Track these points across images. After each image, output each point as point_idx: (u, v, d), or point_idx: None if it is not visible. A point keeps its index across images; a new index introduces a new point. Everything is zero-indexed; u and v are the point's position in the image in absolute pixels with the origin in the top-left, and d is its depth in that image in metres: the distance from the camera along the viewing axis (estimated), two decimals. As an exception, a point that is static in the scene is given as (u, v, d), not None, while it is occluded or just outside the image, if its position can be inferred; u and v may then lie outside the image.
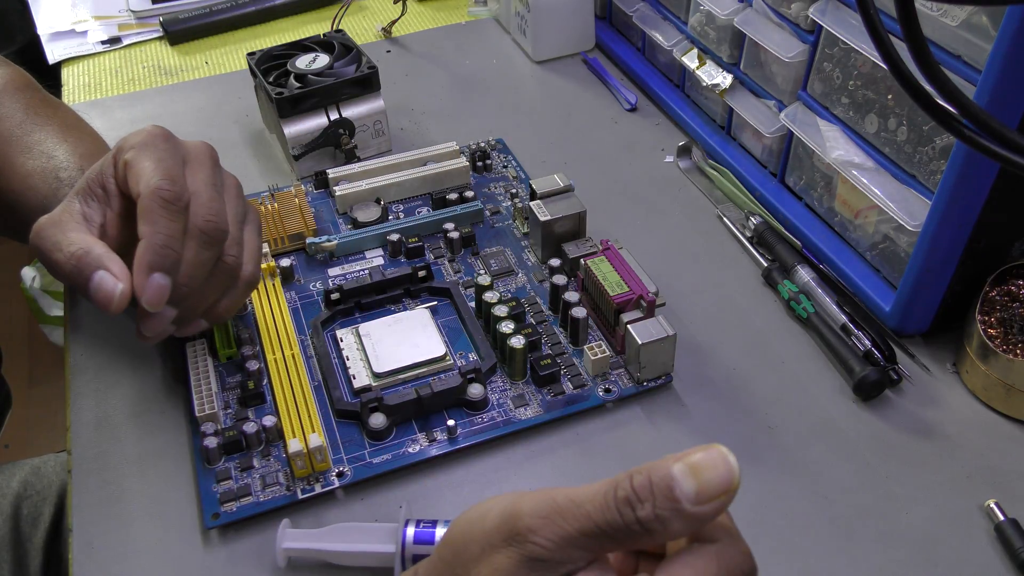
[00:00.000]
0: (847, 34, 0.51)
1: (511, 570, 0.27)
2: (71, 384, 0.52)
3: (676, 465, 0.27)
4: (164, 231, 0.43)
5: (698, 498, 0.26)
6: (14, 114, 0.57)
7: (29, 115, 0.57)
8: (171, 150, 0.45)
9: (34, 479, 0.66)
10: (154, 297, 0.43)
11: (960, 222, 0.47)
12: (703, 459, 0.27)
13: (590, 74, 0.79)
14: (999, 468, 0.46)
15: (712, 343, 0.54)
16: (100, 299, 0.43)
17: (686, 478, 0.27)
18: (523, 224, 0.60)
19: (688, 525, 0.26)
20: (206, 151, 0.48)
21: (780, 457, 0.47)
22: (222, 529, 0.44)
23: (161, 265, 0.43)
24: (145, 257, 0.42)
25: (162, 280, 0.43)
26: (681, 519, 0.26)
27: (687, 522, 0.26)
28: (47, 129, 0.57)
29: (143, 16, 0.89)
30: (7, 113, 0.57)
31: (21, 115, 0.57)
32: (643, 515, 0.26)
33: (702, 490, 0.26)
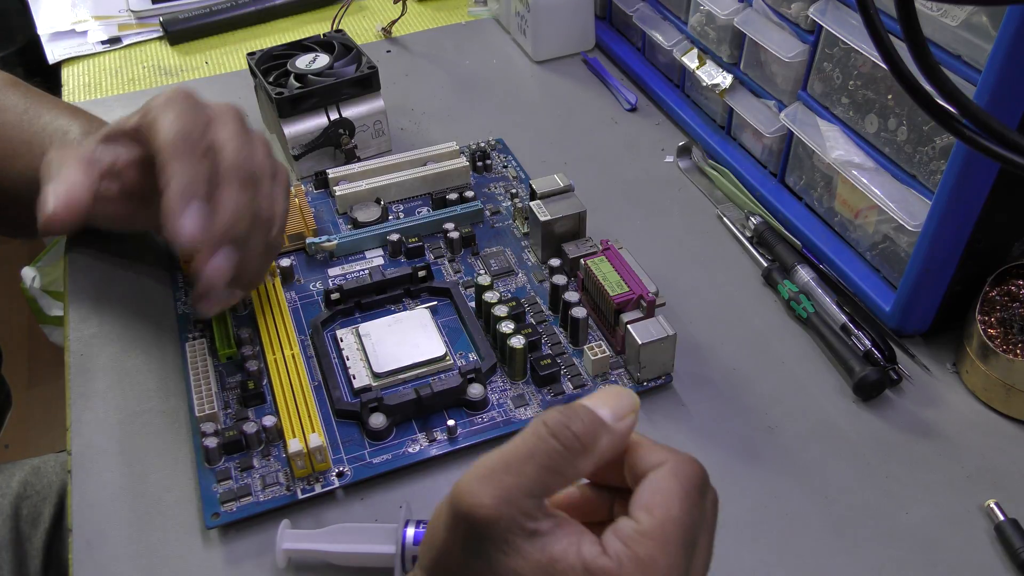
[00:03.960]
0: (847, 34, 0.51)
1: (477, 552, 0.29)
2: (71, 384, 0.52)
3: (584, 400, 0.31)
4: (190, 167, 0.43)
5: (615, 416, 0.31)
6: (17, 103, 0.58)
7: (31, 103, 0.58)
8: (193, 106, 0.46)
9: (34, 479, 0.66)
10: (192, 224, 0.42)
11: (960, 222, 0.47)
12: (604, 394, 0.31)
13: (590, 74, 0.79)
14: (999, 468, 0.46)
15: (712, 343, 0.54)
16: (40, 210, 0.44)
17: (598, 404, 0.31)
18: (523, 224, 0.60)
19: (614, 440, 0.30)
20: (231, 109, 0.48)
21: (780, 457, 0.47)
22: (222, 529, 0.44)
23: (192, 194, 0.43)
24: (175, 189, 0.42)
25: (198, 209, 0.43)
26: (608, 433, 0.30)
27: (613, 436, 0.30)
28: (53, 112, 0.58)
29: (143, 16, 0.89)
30: (11, 103, 0.58)
31: (24, 103, 0.58)
32: (578, 429, 0.30)
33: (615, 411, 0.31)
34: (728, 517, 0.45)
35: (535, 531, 0.29)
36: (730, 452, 0.48)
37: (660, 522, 0.29)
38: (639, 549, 0.28)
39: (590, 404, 0.31)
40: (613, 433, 0.30)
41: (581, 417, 0.30)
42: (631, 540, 0.29)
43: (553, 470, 0.29)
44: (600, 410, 0.31)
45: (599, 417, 0.30)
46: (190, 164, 0.43)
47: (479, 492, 0.29)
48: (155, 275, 0.58)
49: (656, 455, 0.31)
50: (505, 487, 0.28)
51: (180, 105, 0.45)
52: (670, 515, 0.29)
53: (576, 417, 0.30)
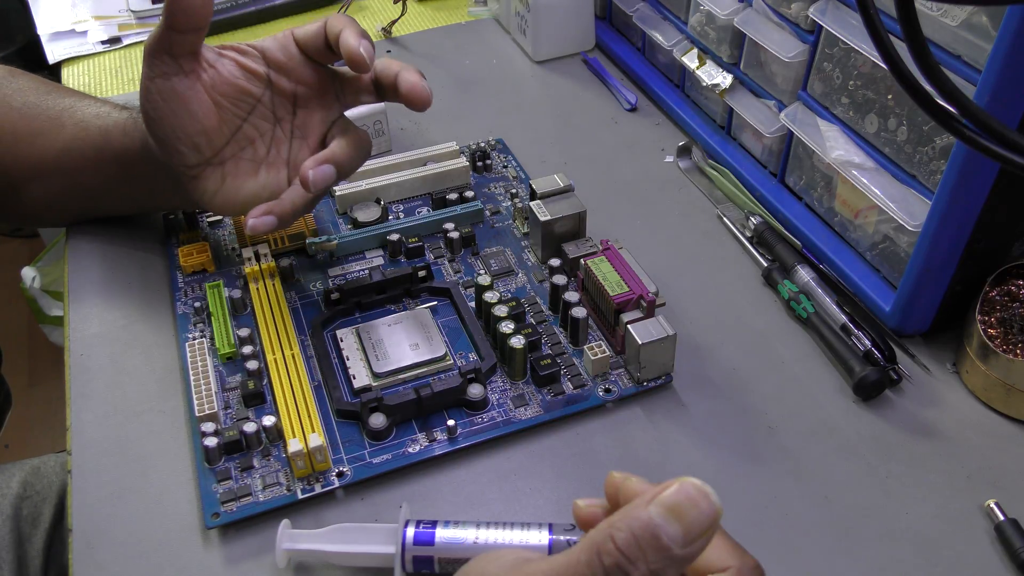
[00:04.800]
0: (847, 34, 0.51)
1: None
2: (71, 384, 0.52)
3: (654, 510, 0.26)
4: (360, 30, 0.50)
5: (686, 540, 0.26)
6: (36, 86, 0.59)
7: (51, 87, 0.60)
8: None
9: (34, 479, 0.66)
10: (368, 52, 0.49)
11: (960, 222, 0.47)
12: (681, 499, 0.26)
13: (590, 74, 0.79)
14: (999, 468, 0.46)
15: (712, 343, 0.54)
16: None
17: (670, 523, 0.26)
18: (523, 224, 0.60)
19: (682, 567, 0.26)
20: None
21: (780, 457, 0.47)
22: (222, 529, 0.44)
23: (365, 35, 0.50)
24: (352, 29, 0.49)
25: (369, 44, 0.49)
26: (675, 565, 0.26)
27: (681, 565, 0.26)
28: (75, 95, 0.59)
29: (143, 16, 0.89)
30: (29, 86, 0.59)
31: (44, 86, 0.60)
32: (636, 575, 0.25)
33: (688, 531, 0.26)
34: (728, 517, 0.45)
35: None
36: (730, 452, 0.48)
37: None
38: None
39: (661, 524, 0.26)
40: (682, 563, 0.26)
41: (646, 558, 0.25)
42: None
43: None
44: (670, 528, 0.26)
45: (668, 552, 0.25)
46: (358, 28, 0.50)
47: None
48: (155, 275, 0.58)
49: (721, 557, 0.28)
50: None
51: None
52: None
53: (639, 556, 0.25)
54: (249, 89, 0.51)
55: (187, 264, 0.57)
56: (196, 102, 0.49)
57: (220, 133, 0.50)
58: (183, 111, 0.49)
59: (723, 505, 0.45)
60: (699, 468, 0.47)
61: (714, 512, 0.26)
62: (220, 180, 0.51)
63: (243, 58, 0.51)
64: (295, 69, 0.52)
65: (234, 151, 0.51)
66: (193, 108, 0.49)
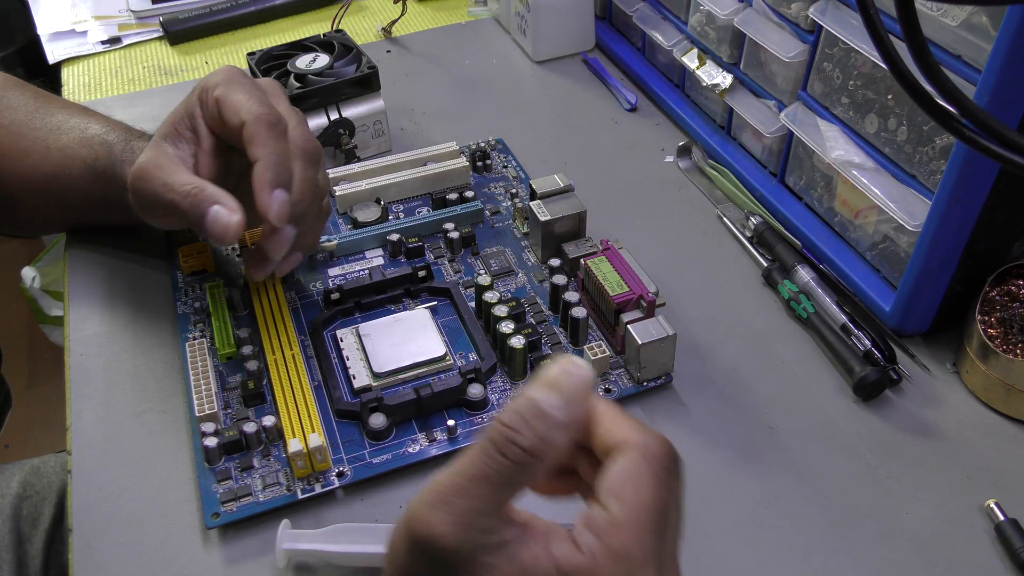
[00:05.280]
0: (847, 34, 0.51)
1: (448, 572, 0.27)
2: (71, 384, 0.52)
3: (533, 388, 0.28)
4: (276, 150, 0.46)
5: (564, 404, 0.28)
6: (26, 102, 0.59)
7: (40, 102, 0.59)
8: (254, 84, 0.49)
9: (34, 479, 0.66)
10: (280, 210, 0.46)
11: (960, 222, 0.47)
12: (555, 373, 0.29)
13: (590, 74, 0.79)
14: (999, 468, 0.46)
15: (712, 343, 0.54)
16: (217, 230, 0.46)
17: (548, 394, 0.28)
18: (523, 224, 0.60)
19: (569, 431, 0.28)
20: (277, 85, 0.51)
21: (780, 457, 0.47)
22: (222, 529, 0.44)
23: (280, 182, 0.45)
24: (265, 175, 0.45)
25: (283, 195, 0.46)
26: (561, 429, 0.28)
27: (567, 429, 0.28)
28: (66, 110, 0.58)
29: (143, 16, 0.89)
30: (19, 102, 0.58)
31: (33, 103, 0.59)
32: (526, 444, 0.28)
33: (564, 396, 0.28)
34: (728, 517, 0.45)
35: (500, 543, 0.28)
36: (730, 452, 0.48)
37: (632, 510, 0.28)
38: (613, 541, 0.28)
39: (540, 396, 0.28)
40: (568, 427, 0.28)
41: (530, 425, 0.28)
42: (604, 532, 0.28)
43: (507, 485, 0.28)
44: (549, 398, 0.28)
45: (550, 418, 0.28)
46: (275, 144, 0.46)
47: (435, 521, 0.27)
48: (155, 275, 0.58)
49: (623, 430, 0.30)
50: (461, 512, 0.27)
51: (245, 85, 0.48)
52: (642, 502, 0.28)
53: (524, 425, 0.28)
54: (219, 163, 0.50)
55: (187, 264, 0.57)
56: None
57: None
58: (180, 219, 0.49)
59: (723, 504, 0.45)
60: (699, 468, 0.47)
61: (585, 375, 0.29)
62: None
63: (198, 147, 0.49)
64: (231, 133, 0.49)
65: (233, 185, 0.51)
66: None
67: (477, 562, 0.28)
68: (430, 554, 0.28)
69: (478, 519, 0.28)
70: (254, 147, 0.46)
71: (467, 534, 0.27)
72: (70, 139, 0.55)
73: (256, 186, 0.45)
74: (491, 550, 0.28)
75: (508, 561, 0.28)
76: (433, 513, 0.28)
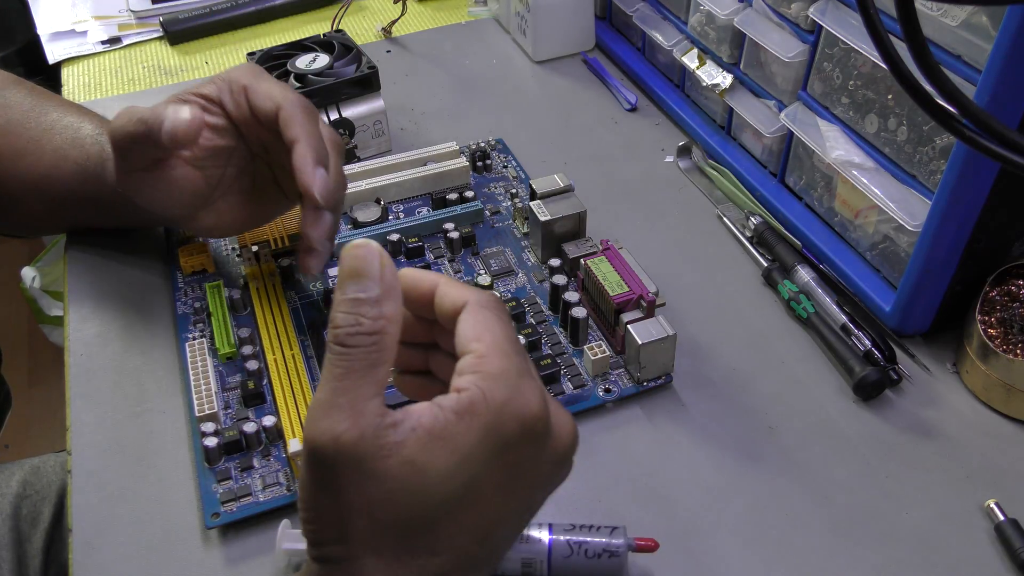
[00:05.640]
0: (847, 34, 0.51)
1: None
2: (71, 384, 0.52)
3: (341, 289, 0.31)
4: (314, 132, 0.46)
5: (374, 280, 0.31)
6: (22, 100, 0.58)
7: (37, 100, 0.58)
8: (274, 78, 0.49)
9: (33, 479, 0.66)
10: (323, 187, 0.46)
11: (960, 222, 0.47)
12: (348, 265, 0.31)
13: (590, 74, 0.79)
14: (999, 468, 0.46)
15: (712, 343, 0.54)
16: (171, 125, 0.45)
17: (357, 283, 0.31)
18: (523, 224, 0.60)
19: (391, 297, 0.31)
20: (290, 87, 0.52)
21: (780, 457, 0.47)
22: (222, 529, 0.44)
23: (320, 161, 0.46)
24: (308, 154, 0.45)
25: (324, 173, 0.46)
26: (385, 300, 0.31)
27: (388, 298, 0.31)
28: (61, 109, 0.58)
29: (143, 16, 0.89)
30: (15, 101, 0.58)
31: (30, 100, 0.58)
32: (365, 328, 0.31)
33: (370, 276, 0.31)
34: (728, 517, 0.45)
35: (396, 422, 0.30)
36: (730, 452, 0.48)
37: (493, 341, 0.32)
38: (489, 368, 0.31)
39: (351, 290, 0.31)
40: (387, 295, 0.31)
41: (359, 313, 0.31)
42: (478, 365, 0.31)
43: (372, 367, 0.31)
44: (359, 286, 0.31)
45: (369, 299, 0.31)
46: (314, 126, 0.46)
47: (330, 425, 0.30)
48: (155, 275, 0.58)
49: (456, 293, 0.34)
50: (348, 407, 0.30)
51: (269, 77, 0.48)
52: (497, 335, 0.32)
53: (354, 318, 0.31)
54: (223, 145, 0.49)
55: (187, 264, 0.57)
56: (178, 178, 0.49)
57: (206, 187, 0.50)
58: (167, 190, 0.49)
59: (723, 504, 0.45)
60: (699, 468, 0.47)
61: (371, 247, 0.32)
62: (215, 216, 0.51)
63: (209, 117, 0.49)
64: (253, 124, 0.49)
65: (222, 192, 0.51)
66: (176, 184, 0.49)
67: (385, 444, 0.30)
68: (339, 458, 0.30)
69: (367, 404, 0.30)
70: (293, 127, 0.46)
71: (363, 421, 0.30)
72: (63, 139, 0.55)
73: (298, 164, 0.45)
74: (392, 429, 0.30)
75: (411, 431, 0.30)
76: (325, 421, 0.30)
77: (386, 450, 0.30)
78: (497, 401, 0.31)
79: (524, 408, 0.31)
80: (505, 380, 0.31)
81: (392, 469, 0.30)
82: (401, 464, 0.30)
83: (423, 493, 0.30)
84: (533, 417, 0.31)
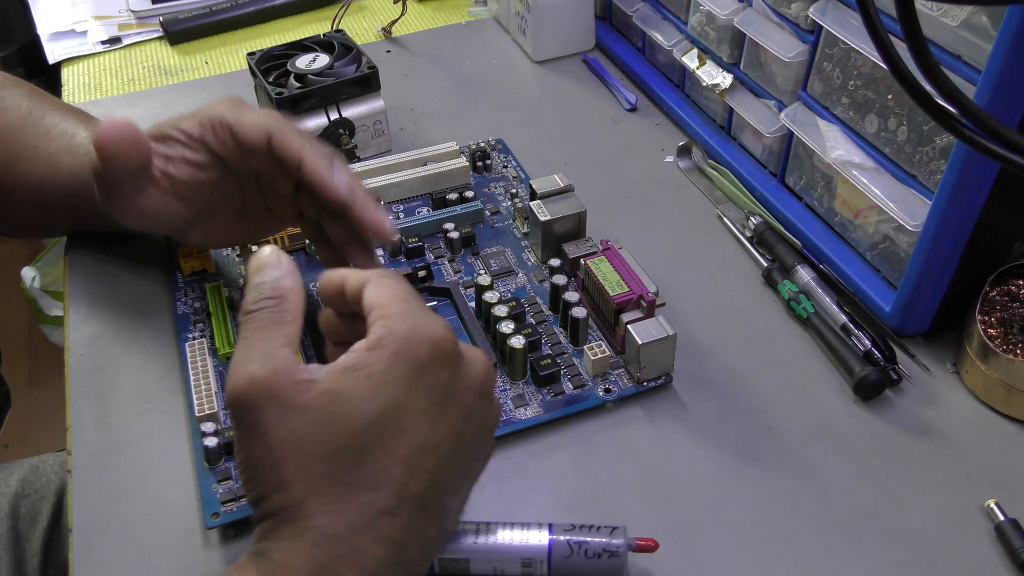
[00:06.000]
0: (847, 34, 0.51)
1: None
2: (71, 384, 0.52)
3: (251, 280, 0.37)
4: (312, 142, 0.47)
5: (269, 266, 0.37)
6: (21, 103, 0.58)
7: (35, 103, 0.58)
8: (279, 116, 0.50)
9: (32, 478, 0.66)
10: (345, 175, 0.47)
11: (960, 222, 0.47)
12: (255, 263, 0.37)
13: (590, 74, 0.79)
14: (999, 468, 0.46)
15: (712, 343, 0.54)
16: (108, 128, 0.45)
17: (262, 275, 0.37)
18: (523, 224, 0.60)
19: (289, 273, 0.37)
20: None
21: (780, 457, 0.47)
22: (222, 529, 0.44)
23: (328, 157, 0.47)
24: (369, 200, 0.47)
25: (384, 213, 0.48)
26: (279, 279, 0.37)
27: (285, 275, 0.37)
28: (58, 113, 0.58)
29: (143, 16, 0.89)
30: (13, 104, 0.58)
31: (27, 103, 0.58)
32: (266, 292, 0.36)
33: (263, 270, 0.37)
34: (728, 517, 0.45)
35: (308, 368, 0.33)
36: (730, 452, 0.48)
37: (393, 295, 0.36)
38: (391, 310, 0.35)
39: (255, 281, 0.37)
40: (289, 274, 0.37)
41: (263, 286, 0.36)
42: (381, 311, 0.35)
43: (276, 323, 0.35)
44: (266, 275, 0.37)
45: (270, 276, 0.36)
46: (308, 139, 0.47)
47: (244, 371, 0.33)
48: (155, 275, 0.58)
49: (360, 274, 0.37)
50: (260, 354, 0.33)
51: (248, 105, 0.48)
52: (397, 290, 0.36)
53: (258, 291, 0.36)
54: (206, 178, 0.48)
55: (187, 264, 0.57)
56: (158, 205, 0.48)
57: (191, 214, 0.49)
58: (148, 215, 0.48)
59: (723, 504, 0.45)
60: (699, 468, 0.47)
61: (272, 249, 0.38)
62: (204, 234, 0.51)
63: (188, 152, 0.48)
64: (239, 156, 0.48)
65: (209, 213, 0.50)
66: (157, 210, 0.48)
67: (301, 381, 0.33)
68: (258, 396, 0.33)
69: (276, 350, 0.34)
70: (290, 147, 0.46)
71: (274, 362, 0.33)
72: (57, 146, 0.55)
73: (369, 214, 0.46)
74: (305, 370, 0.33)
75: (327, 371, 0.33)
76: (238, 369, 0.33)
77: (303, 385, 0.33)
78: (403, 330, 0.34)
79: (430, 331, 0.34)
80: (407, 315, 0.35)
81: (312, 400, 0.33)
82: (320, 395, 0.33)
83: (346, 418, 0.33)
84: (440, 339, 0.34)
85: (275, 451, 0.32)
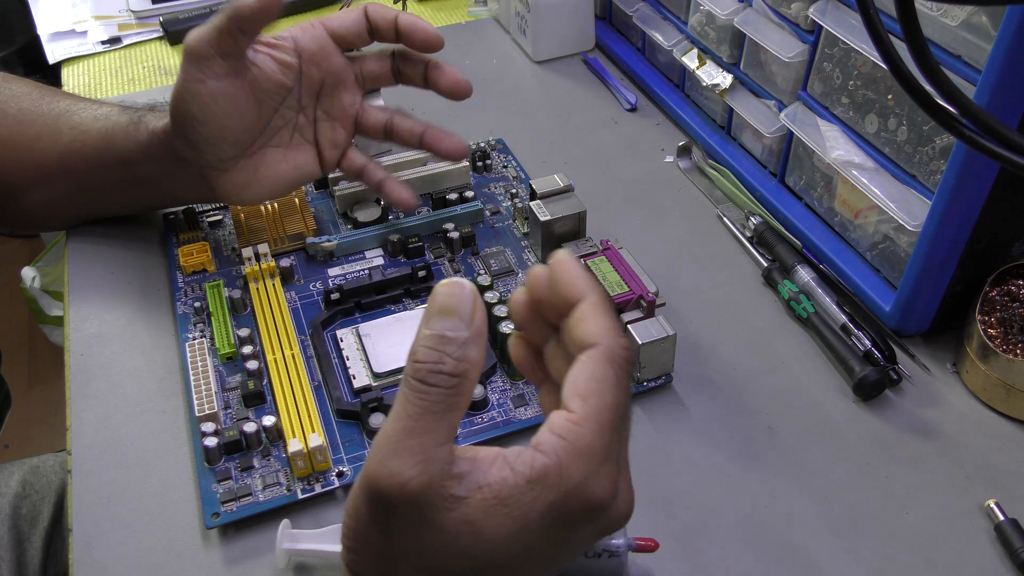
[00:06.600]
0: (847, 34, 0.51)
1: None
2: (71, 384, 0.52)
3: (429, 321, 0.30)
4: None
5: (465, 323, 0.30)
6: (30, 90, 0.59)
7: (44, 91, 0.60)
8: None
9: (33, 478, 0.66)
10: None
11: (960, 222, 0.47)
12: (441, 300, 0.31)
13: (590, 74, 0.79)
14: (999, 468, 0.46)
15: (712, 343, 0.54)
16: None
17: (445, 320, 0.30)
18: (523, 224, 0.60)
19: (478, 343, 0.30)
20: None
21: (780, 457, 0.47)
22: (222, 529, 0.44)
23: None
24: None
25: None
26: (470, 345, 0.30)
27: (476, 342, 0.30)
28: (71, 97, 0.59)
29: (143, 16, 0.89)
30: (22, 91, 0.59)
31: (37, 91, 0.60)
32: (448, 368, 0.30)
33: (462, 315, 0.30)
34: (728, 517, 0.45)
35: (462, 474, 0.29)
36: (730, 452, 0.48)
37: (595, 409, 0.30)
38: (575, 440, 0.29)
39: (439, 326, 0.30)
40: (477, 339, 0.30)
41: (445, 353, 0.30)
42: (567, 432, 0.29)
43: (448, 411, 0.30)
44: (449, 324, 0.30)
45: (457, 339, 0.30)
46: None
47: (399, 468, 0.29)
48: (155, 275, 0.58)
49: (592, 326, 0.31)
50: (419, 451, 0.29)
51: None
52: (604, 402, 0.30)
53: (438, 355, 0.30)
54: (284, 83, 0.52)
55: (187, 264, 0.57)
56: (243, 101, 0.50)
57: (258, 127, 0.52)
58: (231, 112, 0.50)
59: (723, 504, 0.45)
60: (699, 468, 0.47)
61: (466, 290, 0.31)
62: (252, 171, 0.52)
63: (277, 52, 0.52)
64: (325, 59, 0.53)
65: (264, 142, 0.53)
66: (240, 108, 0.50)
67: (449, 497, 0.29)
68: (403, 505, 0.29)
69: (437, 451, 0.29)
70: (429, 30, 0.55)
71: (432, 469, 0.29)
72: (82, 118, 0.56)
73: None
74: (457, 481, 0.29)
75: (477, 488, 0.29)
76: (395, 462, 0.29)
77: (449, 502, 0.29)
78: (571, 480, 0.29)
79: (594, 494, 0.30)
80: (588, 460, 0.29)
81: (450, 523, 0.29)
82: (461, 520, 0.29)
83: (475, 554, 0.30)
84: (600, 504, 0.30)
85: (394, 549, 0.30)
